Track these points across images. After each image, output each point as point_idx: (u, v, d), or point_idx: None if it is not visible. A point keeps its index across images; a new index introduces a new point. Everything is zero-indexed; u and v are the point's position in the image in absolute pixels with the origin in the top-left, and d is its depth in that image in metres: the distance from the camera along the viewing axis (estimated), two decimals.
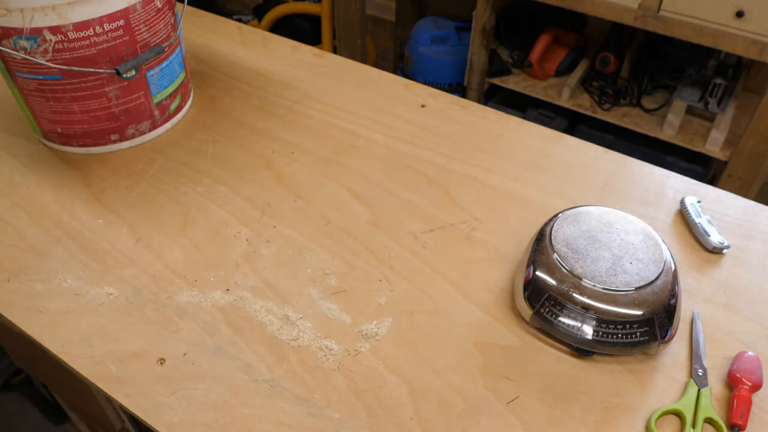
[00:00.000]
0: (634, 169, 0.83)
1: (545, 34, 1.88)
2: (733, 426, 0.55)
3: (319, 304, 0.65)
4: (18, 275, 0.67)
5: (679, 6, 1.45)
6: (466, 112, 0.93)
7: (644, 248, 0.62)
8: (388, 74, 1.01)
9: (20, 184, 0.80)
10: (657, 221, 0.75)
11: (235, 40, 1.09)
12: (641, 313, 0.58)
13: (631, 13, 1.52)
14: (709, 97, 1.65)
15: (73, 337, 0.62)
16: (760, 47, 1.41)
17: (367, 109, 0.93)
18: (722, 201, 0.78)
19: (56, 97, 0.77)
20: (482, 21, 1.82)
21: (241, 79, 0.99)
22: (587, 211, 0.66)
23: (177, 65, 0.86)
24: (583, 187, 0.80)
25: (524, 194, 0.79)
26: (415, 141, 0.87)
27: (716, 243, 0.71)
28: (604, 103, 1.82)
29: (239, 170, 0.82)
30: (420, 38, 2.11)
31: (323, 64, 1.03)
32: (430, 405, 0.57)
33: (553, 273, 0.61)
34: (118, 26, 0.74)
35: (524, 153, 0.86)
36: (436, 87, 1.16)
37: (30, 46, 0.71)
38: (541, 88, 1.90)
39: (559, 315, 0.60)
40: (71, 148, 0.84)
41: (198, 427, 0.55)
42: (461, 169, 0.83)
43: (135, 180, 0.80)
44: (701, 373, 0.59)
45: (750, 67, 1.77)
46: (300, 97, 0.95)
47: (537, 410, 0.57)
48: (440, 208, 0.77)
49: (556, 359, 0.61)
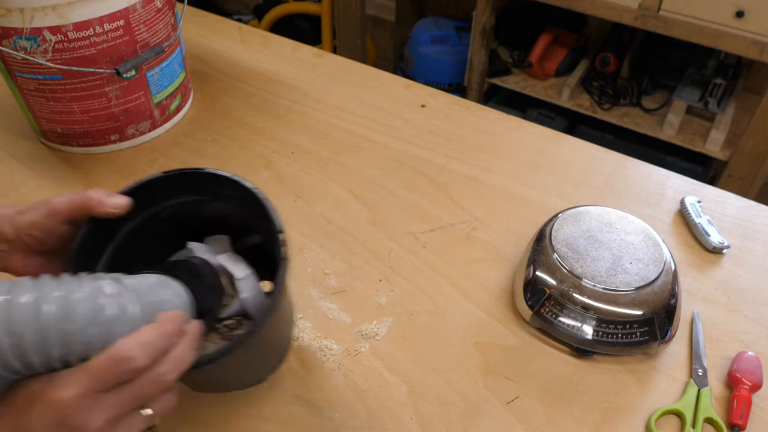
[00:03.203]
0: (634, 169, 0.83)
1: (545, 34, 1.89)
2: (733, 426, 0.55)
3: (319, 304, 0.65)
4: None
5: (679, 6, 1.45)
6: (466, 112, 0.93)
7: (644, 248, 0.62)
8: (388, 74, 1.01)
9: (20, 184, 0.80)
10: (657, 221, 0.75)
11: (235, 40, 1.09)
12: (641, 313, 0.58)
13: (631, 13, 1.53)
14: (709, 97, 1.66)
15: None
16: (760, 47, 1.41)
17: (367, 109, 0.93)
18: (722, 201, 0.78)
19: (56, 97, 0.77)
20: (482, 21, 1.82)
21: (241, 79, 0.99)
22: (587, 211, 0.66)
23: (177, 65, 0.86)
24: (583, 187, 0.80)
25: (524, 194, 0.79)
26: (415, 141, 0.87)
27: (716, 243, 0.71)
28: (604, 103, 1.82)
29: (239, 170, 0.82)
30: (420, 38, 2.11)
31: (323, 64, 1.03)
32: (430, 405, 0.57)
33: (553, 273, 0.61)
34: (118, 26, 0.74)
35: (524, 153, 0.86)
36: (436, 87, 1.16)
37: (30, 46, 0.71)
38: (541, 88, 1.90)
39: (559, 315, 0.60)
40: (71, 148, 0.84)
41: (198, 426, 0.55)
42: (461, 169, 0.83)
43: (135, 180, 0.80)
44: (701, 373, 0.59)
45: (750, 67, 1.77)
46: (300, 97, 0.95)
47: (537, 410, 0.57)
48: (440, 208, 0.77)
49: (556, 359, 0.61)
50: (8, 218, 0.45)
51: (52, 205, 0.45)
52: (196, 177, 0.50)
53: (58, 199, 0.45)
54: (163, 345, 0.37)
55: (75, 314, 0.35)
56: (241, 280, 0.49)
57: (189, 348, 0.39)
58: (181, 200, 0.51)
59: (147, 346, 0.36)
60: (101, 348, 0.35)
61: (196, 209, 0.51)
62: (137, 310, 0.38)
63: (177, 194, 0.50)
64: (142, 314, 0.38)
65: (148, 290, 0.40)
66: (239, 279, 0.49)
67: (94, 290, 0.37)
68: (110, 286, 0.38)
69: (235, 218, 0.51)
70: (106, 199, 0.46)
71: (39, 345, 0.34)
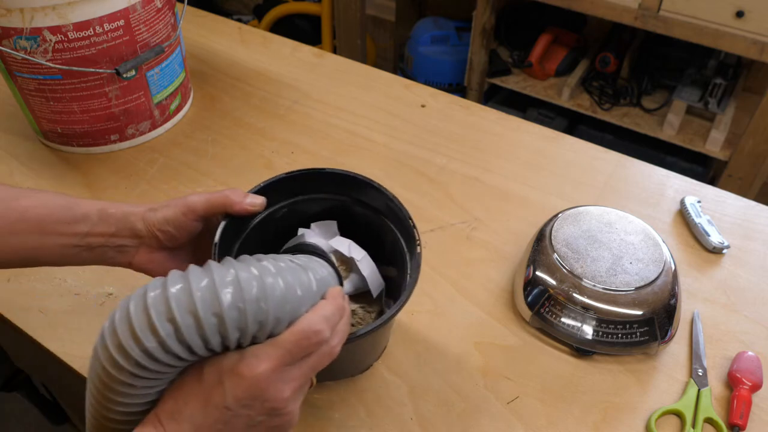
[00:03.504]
0: (634, 169, 0.83)
1: (545, 34, 1.88)
2: (733, 426, 0.55)
3: None
4: (18, 275, 0.67)
5: (679, 6, 1.45)
6: (466, 112, 0.93)
7: (644, 248, 0.62)
8: (388, 74, 1.01)
9: (20, 184, 0.80)
10: (657, 221, 0.75)
11: (235, 40, 1.09)
12: (641, 313, 0.58)
13: (631, 13, 1.52)
14: (709, 97, 1.65)
15: (73, 337, 0.61)
16: (760, 47, 1.41)
17: (367, 109, 0.93)
18: (722, 201, 0.78)
19: (56, 97, 0.77)
20: (482, 21, 1.81)
21: (241, 79, 0.99)
22: (587, 211, 0.66)
23: (177, 65, 0.86)
24: (583, 187, 0.80)
25: (524, 194, 0.79)
26: (415, 141, 0.87)
27: (716, 243, 0.71)
28: (604, 103, 1.82)
29: (239, 170, 0.82)
30: (420, 38, 2.11)
31: (323, 64, 1.03)
32: (430, 405, 0.57)
33: (553, 273, 0.61)
34: (118, 26, 0.74)
35: (524, 153, 0.86)
36: (436, 87, 1.16)
37: (30, 46, 0.71)
38: (541, 88, 1.90)
39: (559, 315, 0.60)
40: (71, 148, 0.84)
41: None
42: (461, 169, 0.83)
43: (135, 180, 0.80)
44: (701, 373, 0.59)
45: (750, 67, 1.77)
46: (300, 97, 0.95)
47: (537, 410, 0.57)
48: (440, 208, 0.77)
49: (556, 359, 0.61)
50: (139, 215, 0.49)
51: (189, 202, 0.48)
52: (326, 176, 0.55)
53: (194, 198, 0.49)
54: (337, 319, 0.40)
55: (273, 293, 0.37)
56: (360, 260, 0.53)
57: (348, 321, 0.42)
58: (298, 198, 0.56)
59: (329, 321, 0.39)
60: (288, 323, 0.38)
61: (311, 202, 0.57)
62: (314, 287, 0.41)
63: (295, 194, 0.56)
64: (317, 291, 0.41)
65: (315, 268, 0.43)
66: (358, 260, 0.53)
67: (279, 270, 0.39)
68: (292, 266, 0.40)
69: (337, 209, 0.57)
70: (244, 198, 0.50)
71: (238, 322, 0.36)
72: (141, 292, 0.36)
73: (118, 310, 0.36)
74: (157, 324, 0.35)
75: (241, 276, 0.37)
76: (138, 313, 0.35)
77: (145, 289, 0.36)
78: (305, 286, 0.40)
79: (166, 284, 0.36)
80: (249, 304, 0.36)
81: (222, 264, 0.38)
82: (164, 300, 0.35)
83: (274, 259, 0.41)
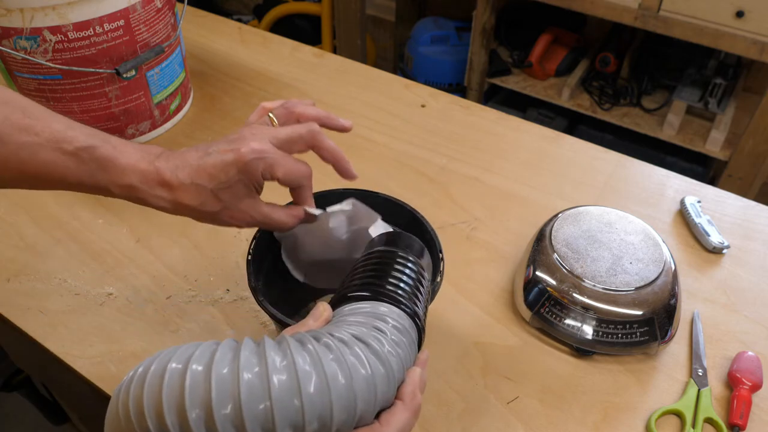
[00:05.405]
0: (634, 169, 0.83)
1: (545, 34, 1.88)
2: (733, 426, 0.55)
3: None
4: (18, 275, 0.67)
5: (679, 6, 1.45)
6: (466, 112, 0.93)
7: (644, 248, 0.62)
8: (388, 74, 1.01)
9: None
10: (657, 221, 0.75)
11: (235, 40, 1.09)
12: (641, 313, 0.58)
13: (631, 13, 1.53)
14: (709, 97, 1.65)
15: (73, 337, 0.62)
16: (760, 47, 1.41)
17: (367, 109, 0.93)
18: (722, 201, 0.78)
19: (56, 97, 0.77)
20: (482, 21, 1.82)
21: (241, 79, 0.99)
22: (587, 211, 0.66)
23: (177, 65, 0.86)
24: (583, 187, 0.80)
25: (524, 194, 0.79)
26: (415, 141, 0.87)
27: (716, 243, 0.71)
28: (604, 103, 1.82)
29: None
30: (420, 38, 2.11)
31: (323, 64, 1.03)
32: (430, 405, 0.57)
33: (553, 273, 0.61)
34: (118, 26, 0.74)
35: (524, 153, 0.86)
36: (436, 87, 1.16)
37: (30, 46, 0.71)
38: (541, 88, 1.90)
39: (559, 315, 0.60)
40: None
41: None
42: (461, 169, 0.83)
43: None
44: (701, 373, 0.59)
45: (750, 67, 1.77)
46: (300, 97, 0.95)
47: (537, 410, 0.57)
48: (440, 208, 0.77)
49: (556, 359, 0.61)
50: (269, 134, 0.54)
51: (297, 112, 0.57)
52: (379, 200, 0.59)
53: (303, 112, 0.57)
54: (424, 385, 0.41)
55: (356, 395, 0.35)
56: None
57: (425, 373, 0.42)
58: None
59: (423, 386, 0.41)
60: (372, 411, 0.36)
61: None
62: (402, 375, 0.39)
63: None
64: (399, 379, 0.39)
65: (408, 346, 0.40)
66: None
67: (376, 371, 0.36)
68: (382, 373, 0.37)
69: None
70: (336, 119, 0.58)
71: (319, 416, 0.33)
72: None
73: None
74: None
75: (316, 374, 0.33)
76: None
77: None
78: (393, 383, 0.38)
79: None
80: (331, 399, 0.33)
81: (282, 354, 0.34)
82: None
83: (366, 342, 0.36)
